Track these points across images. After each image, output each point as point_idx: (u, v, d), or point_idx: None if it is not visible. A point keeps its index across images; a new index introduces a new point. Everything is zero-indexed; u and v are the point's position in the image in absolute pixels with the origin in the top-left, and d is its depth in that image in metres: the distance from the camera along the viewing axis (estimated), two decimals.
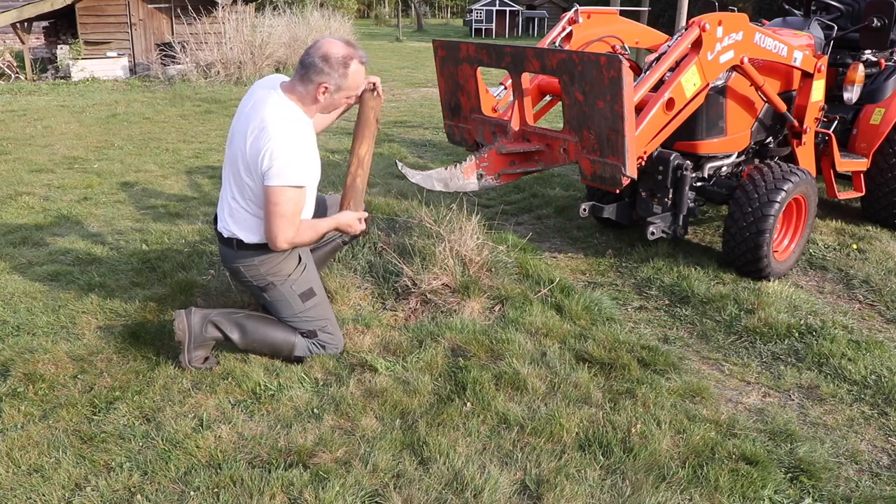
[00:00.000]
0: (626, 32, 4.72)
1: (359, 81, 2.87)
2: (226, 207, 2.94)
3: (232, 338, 2.99)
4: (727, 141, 4.16)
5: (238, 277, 3.08)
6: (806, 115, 4.32)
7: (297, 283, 2.99)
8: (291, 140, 2.72)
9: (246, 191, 2.83)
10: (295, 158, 2.71)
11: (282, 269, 2.97)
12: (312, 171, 2.87)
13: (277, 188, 2.70)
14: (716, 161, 4.23)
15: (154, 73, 14.63)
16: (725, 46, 3.64)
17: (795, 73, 4.36)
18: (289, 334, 3.04)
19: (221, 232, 2.98)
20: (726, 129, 4.11)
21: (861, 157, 4.82)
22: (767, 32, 3.90)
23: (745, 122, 4.21)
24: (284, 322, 3.06)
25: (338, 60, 2.75)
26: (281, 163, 2.67)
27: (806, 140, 4.41)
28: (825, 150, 4.69)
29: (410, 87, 14.19)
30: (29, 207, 5.42)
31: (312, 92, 2.79)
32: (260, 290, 3.02)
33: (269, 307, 3.10)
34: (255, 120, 2.76)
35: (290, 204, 2.74)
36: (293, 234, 2.79)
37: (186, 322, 2.95)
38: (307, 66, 2.76)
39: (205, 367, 3.02)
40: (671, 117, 3.63)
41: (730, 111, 4.09)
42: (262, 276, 2.96)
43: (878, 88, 4.84)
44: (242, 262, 2.95)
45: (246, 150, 2.76)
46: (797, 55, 4.12)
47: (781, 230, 4.24)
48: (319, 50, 2.76)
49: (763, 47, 3.86)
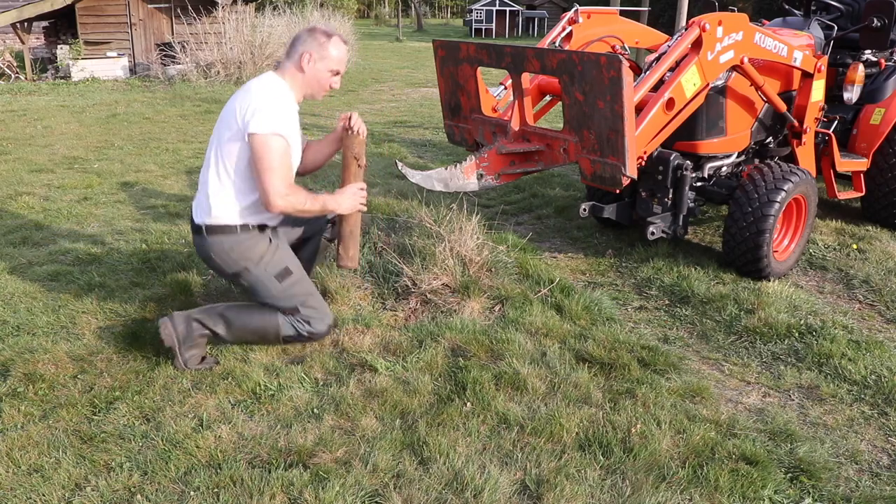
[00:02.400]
0: (626, 32, 4.72)
1: (341, 56, 2.95)
2: (204, 188, 2.93)
3: (217, 331, 2.98)
4: (727, 141, 4.16)
5: (212, 265, 3.04)
6: (806, 115, 4.32)
7: (270, 264, 2.96)
8: (273, 98, 2.82)
9: (229, 157, 2.83)
10: (276, 110, 2.78)
11: (253, 252, 2.92)
12: (293, 136, 2.88)
13: (260, 137, 2.73)
14: (716, 161, 4.23)
15: (154, 73, 14.63)
16: (725, 46, 3.64)
17: (795, 73, 4.36)
18: (270, 315, 3.00)
19: (193, 219, 2.98)
20: (726, 129, 4.11)
21: (861, 157, 4.82)
22: (767, 32, 3.90)
23: (745, 122, 4.21)
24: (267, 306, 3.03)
25: (321, 32, 2.94)
26: (262, 113, 2.74)
27: (806, 140, 4.42)
28: (825, 150, 4.69)
29: (410, 87, 14.19)
30: (29, 207, 5.42)
31: (297, 61, 2.90)
32: (236, 276, 2.99)
33: (249, 294, 3.06)
34: (241, 92, 2.89)
35: (276, 155, 2.76)
36: (285, 189, 2.78)
37: (171, 327, 2.96)
38: (293, 40, 2.97)
39: (203, 366, 3.01)
40: (671, 117, 3.63)
41: (730, 111, 4.09)
42: (235, 262, 2.93)
43: (878, 88, 4.84)
44: (213, 248, 2.93)
45: (229, 113, 2.84)
46: (797, 55, 4.12)
47: (781, 230, 4.24)
48: (305, 28, 2.97)
49: (763, 47, 3.87)
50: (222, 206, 2.89)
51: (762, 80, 3.95)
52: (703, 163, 4.19)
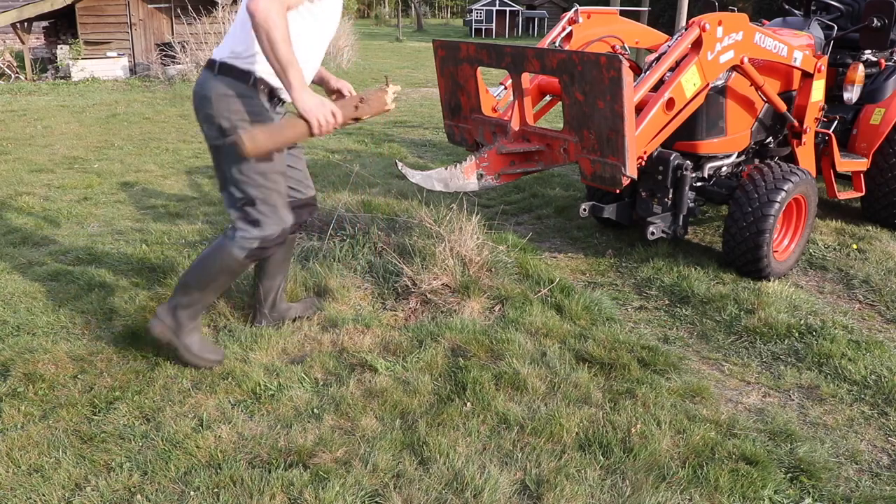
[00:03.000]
0: (626, 32, 4.72)
1: None
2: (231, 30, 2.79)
3: (192, 299, 2.92)
4: (727, 141, 4.16)
5: (203, 113, 2.82)
6: (806, 115, 4.32)
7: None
8: None
9: None
10: None
11: (251, 113, 2.74)
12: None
13: None
14: (716, 161, 4.23)
15: (154, 73, 14.63)
16: (725, 46, 3.64)
17: (795, 73, 4.36)
18: (219, 249, 2.89)
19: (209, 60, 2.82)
20: (726, 129, 4.11)
21: (861, 157, 4.82)
22: (767, 32, 3.90)
23: (745, 123, 4.22)
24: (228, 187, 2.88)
25: None
26: None
27: (806, 140, 4.42)
28: (825, 150, 4.69)
29: (410, 87, 14.19)
30: (29, 207, 5.42)
31: None
32: (221, 133, 2.78)
33: (217, 164, 2.91)
34: None
35: None
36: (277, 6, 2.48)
37: (160, 322, 2.94)
38: None
39: (213, 353, 3.01)
40: (671, 117, 3.63)
41: (730, 111, 4.09)
42: (230, 115, 2.73)
43: (878, 88, 4.84)
44: (216, 90, 2.74)
45: None
46: (797, 55, 4.12)
47: (781, 230, 4.24)
48: None
49: (763, 47, 3.87)
50: (241, 47, 2.71)
51: (762, 79, 3.95)
52: (703, 163, 4.19)
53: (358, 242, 4.06)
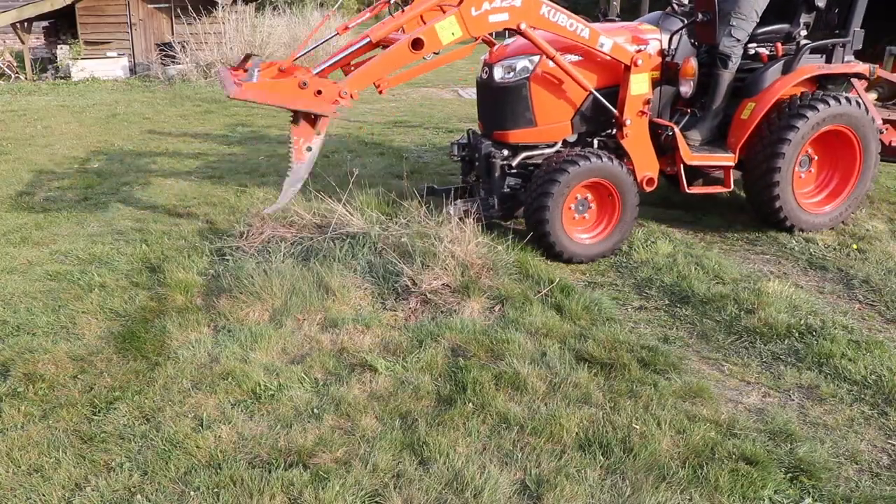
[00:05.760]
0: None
1: None
2: None
3: None
4: (538, 131, 4.49)
5: None
6: (626, 108, 4.37)
7: None
8: None
9: None
10: None
11: None
12: None
13: None
14: (533, 150, 4.52)
15: (154, 73, 14.61)
16: (497, 7, 3.85)
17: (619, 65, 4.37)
18: None
19: None
20: (535, 120, 4.43)
21: (728, 151, 4.66)
22: (563, 11, 4.04)
23: (560, 114, 4.47)
24: None
25: None
26: None
27: (629, 132, 4.43)
28: (673, 144, 4.56)
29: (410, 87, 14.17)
30: (29, 207, 5.42)
31: None
32: None
33: None
34: None
35: None
36: None
37: None
38: None
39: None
40: (421, 57, 3.94)
41: (537, 103, 4.40)
42: None
43: (755, 81, 4.67)
44: None
45: None
46: (605, 42, 4.17)
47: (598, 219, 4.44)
48: None
49: (553, 21, 4.00)
50: None
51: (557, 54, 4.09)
52: (519, 151, 4.48)
53: (358, 242, 4.06)
